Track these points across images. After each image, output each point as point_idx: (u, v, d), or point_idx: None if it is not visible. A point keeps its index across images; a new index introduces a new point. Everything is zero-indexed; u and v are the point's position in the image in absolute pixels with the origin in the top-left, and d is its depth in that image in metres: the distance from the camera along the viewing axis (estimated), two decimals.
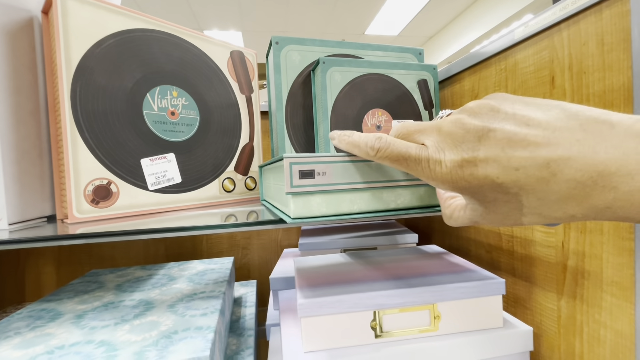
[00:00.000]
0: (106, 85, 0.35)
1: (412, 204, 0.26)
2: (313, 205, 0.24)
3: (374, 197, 0.25)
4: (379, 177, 0.25)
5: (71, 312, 0.39)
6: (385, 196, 0.26)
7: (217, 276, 0.52)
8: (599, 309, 0.33)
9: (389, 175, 0.25)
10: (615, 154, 0.14)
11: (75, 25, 0.32)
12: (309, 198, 0.24)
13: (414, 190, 0.26)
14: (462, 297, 0.36)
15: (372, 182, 0.25)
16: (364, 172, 0.25)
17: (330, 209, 0.24)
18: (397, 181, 0.26)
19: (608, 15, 0.31)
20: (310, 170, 0.23)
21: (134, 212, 0.37)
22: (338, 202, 0.25)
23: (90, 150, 0.33)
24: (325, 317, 0.35)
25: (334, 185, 0.24)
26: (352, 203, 0.25)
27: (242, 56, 0.49)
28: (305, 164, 0.23)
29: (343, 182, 0.24)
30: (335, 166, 0.24)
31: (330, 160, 0.24)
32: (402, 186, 0.26)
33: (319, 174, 0.24)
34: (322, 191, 0.24)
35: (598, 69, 0.32)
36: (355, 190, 0.25)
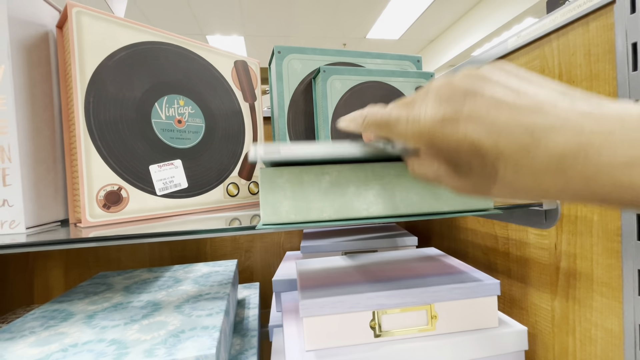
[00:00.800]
0: (117, 95, 0.36)
1: (385, 212, 0.27)
2: (282, 213, 0.25)
3: (345, 206, 0.26)
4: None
5: (82, 312, 0.41)
6: (356, 205, 0.26)
7: (221, 278, 0.53)
8: (590, 308, 0.35)
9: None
10: (601, 129, 0.14)
11: (88, 39, 0.34)
12: (278, 206, 0.25)
13: (387, 200, 0.27)
14: (458, 297, 0.38)
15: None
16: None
17: (299, 217, 0.26)
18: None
19: (594, 27, 0.32)
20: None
21: (143, 217, 0.39)
22: (307, 211, 0.25)
23: (102, 157, 0.35)
24: (326, 316, 0.37)
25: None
26: (321, 212, 0.26)
27: (245, 65, 0.51)
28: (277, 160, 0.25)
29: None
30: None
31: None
32: (375, 195, 0.26)
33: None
34: (290, 199, 0.25)
35: (586, 78, 0.34)
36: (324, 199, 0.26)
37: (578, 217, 0.35)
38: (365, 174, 0.26)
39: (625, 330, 0.30)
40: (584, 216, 0.34)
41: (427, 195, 0.27)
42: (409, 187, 0.27)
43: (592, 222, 0.34)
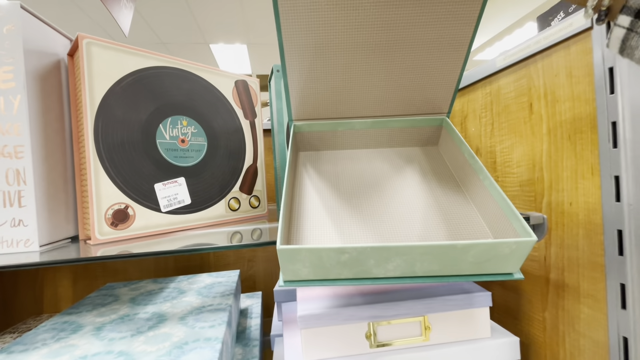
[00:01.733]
0: (124, 118, 0.39)
1: (404, 274, 0.27)
2: (301, 275, 0.27)
3: (362, 271, 0.27)
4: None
5: (91, 324, 0.43)
6: (375, 271, 0.27)
7: (223, 289, 0.55)
8: (578, 319, 0.36)
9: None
10: None
11: (97, 68, 0.37)
12: (296, 269, 0.27)
13: (406, 266, 0.27)
14: (451, 309, 0.39)
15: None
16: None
17: (318, 276, 0.27)
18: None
19: (575, 51, 0.34)
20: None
21: (149, 233, 0.41)
22: (325, 273, 0.27)
23: (110, 178, 0.37)
24: (324, 328, 0.38)
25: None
26: (339, 275, 0.27)
27: (245, 85, 0.53)
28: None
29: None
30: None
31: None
32: (393, 267, 0.26)
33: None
34: (309, 268, 0.27)
35: (568, 98, 0.35)
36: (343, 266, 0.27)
37: (565, 231, 0.36)
38: (388, 253, 0.26)
39: (611, 341, 0.32)
40: (570, 230, 0.36)
41: (448, 264, 0.26)
42: (431, 260, 0.26)
43: (577, 236, 0.35)
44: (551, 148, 0.37)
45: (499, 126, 0.46)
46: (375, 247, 0.25)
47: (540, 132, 0.39)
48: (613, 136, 0.30)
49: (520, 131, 0.42)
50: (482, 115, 0.49)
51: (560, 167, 0.36)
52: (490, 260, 0.25)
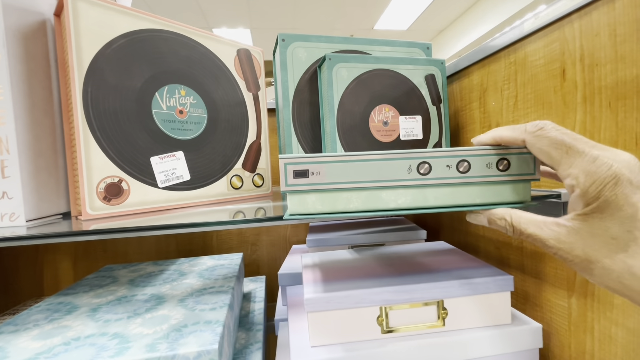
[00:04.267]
0: (116, 85, 0.35)
1: (415, 204, 0.26)
2: (308, 203, 0.25)
3: (372, 196, 0.25)
4: (376, 177, 0.25)
5: (87, 305, 0.41)
6: (384, 195, 0.25)
7: (226, 272, 0.53)
8: (610, 306, 0.33)
9: (388, 175, 0.25)
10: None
11: (85, 26, 0.33)
12: (304, 196, 0.25)
13: (417, 191, 0.26)
14: (469, 293, 0.36)
15: (367, 181, 0.25)
16: (359, 172, 0.25)
17: (326, 207, 0.25)
18: (397, 181, 0.25)
19: (621, 5, 0.30)
20: (304, 170, 0.24)
21: (145, 209, 0.38)
22: (333, 201, 0.25)
23: (102, 149, 0.34)
24: (332, 312, 0.35)
25: (328, 185, 0.25)
26: (347, 202, 0.25)
27: (248, 54, 0.49)
28: (299, 164, 0.24)
29: (337, 182, 0.25)
30: (328, 166, 0.24)
31: (323, 160, 0.24)
32: (404, 186, 0.25)
33: (312, 174, 0.24)
34: (316, 190, 0.25)
35: (610, 60, 0.31)
36: (351, 190, 0.25)
37: None
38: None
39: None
40: None
41: (459, 187, 0.26)
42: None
43: None
44: (586, 118, 0.34)
45: (523, 98, 0.42)
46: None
47: (573, 101, 0.35)
48: None
49: (549, 102, 0.38)
50: (505, 88, 0.46)
51: (597, 139, 0.33)
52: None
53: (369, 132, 0.50)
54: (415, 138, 0.52)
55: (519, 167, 0.26)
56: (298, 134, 0.52)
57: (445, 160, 0.25)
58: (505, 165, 0.26)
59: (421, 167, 0.25)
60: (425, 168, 0.25)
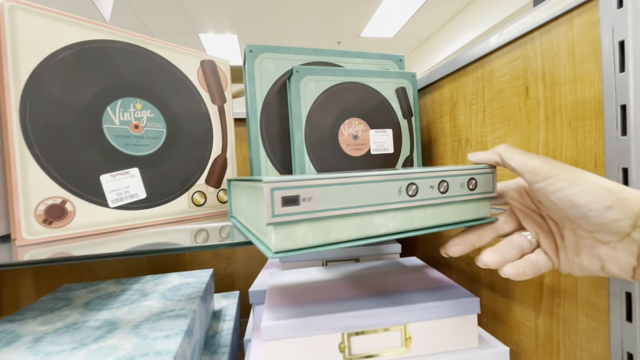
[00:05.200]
0: (60, 99, 0.33)
1: (403, 227, 0.25)
2: (298, 236, 0.21)
3: (365, 222, 0.23)
4: (370, 201, 0.23)
5: (30, 334, 0.38)
6: (376, 220, 0.24)
7: (190, 291, 0.50)
8: (574, 329, 0.32)
9: (381, 198, 0.23)
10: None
11: (24, 37, 0.31)
12: (294, 227, 0.21)
13: (405, 214, 0.25)
14: (435, 317, 0.35)
15: (362, 206, 0.23)
16: (354, 196, 0.22)
17: (317, 239, 0.21)
18: (389, 204, 0.24)
19: (579, 24, 0.30)
20: (294, 196, 0.20)
21: (93, 231, 0.36)
22: (326, 231, 0.22)
23: (42, 167, 0.32)
24: (291, 340, 0.34)
25: (321, 212, 0.21)
26: (341, 230, 0.22)
27: (213, 65, 0.48)
28: (289, 188, 0.20)
29: (332, 208, 0.21)
30: (323, 190, 0.21)
31: (317, 183, 0.21)
32: (394, 209, 0.24)
33: (304, 200, 0.21)
34: (309, 219, 0.21)
35: (570, 79, 0.31)
36: (345, 216, 0.22)
37: None
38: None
39: (613, 357, 0.28)
40: None
41: (440, 207, 0.27)
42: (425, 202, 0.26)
43: None
44: (549, 137, 0.33)
45: (490, 113, 0.42)
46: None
47: (536, 119, 0.35)
48: (622, 122, 0.26)
49: (514, 119, 0.38)
50: (473, 102, 0.45)
51: (559, 158, 0.32)
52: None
53: (339, 146, 0.49)
54: (386, 152, 0.51)
55: (483, 186, 0.28)
56: (266, 148, 0.50)
57: (429, 181, 0.25)
58: (473, 184, 0.27)
59: (410, 189, 0.24)
60: (413, 189, 0.25)
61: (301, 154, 0.48)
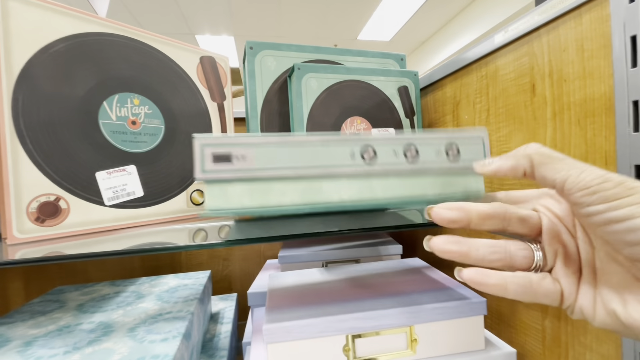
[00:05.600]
0: (54, 93, 0.32)
1: (360, 196, 0.22)
2: (233, 196, 0.20)
3: (311, 188, 0.21)
4: (314, 163, 0.20)
5: (20, 338, 0.36)
6: (325, 187, 0.21)
7: (188, 293, 0.49)
8: (584, 330, 0.31)
9: (328, 160, 0.21)
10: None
11: (17, 28, 0.30)
12: (227, 187, 0.20)
13: (362, 182, 0.22)
14: (441, 318, 0.34)
15: (304, 167, 0.20)
16: (296, 157, 0.20)
17: (255, 201, 0.20)
18: (338, 167, 0.21)
19: (588, 20, 0.29)
20: (226, 153, 0.20)
21: (88, 230, 0.34)
22: (264, 193, 0.20)
23: (35, 164, 0.31)
24: (294, 342, 0.33)
25: (256, 171, 0.20)
26: (282, 194, 0.20)
27: (213, 62, 0.47)
28: (220, 145, 0.19)
29: (267, 168, 0.20)
30: (258, 149, 0.20)
31: (251, 142, 0.20)
32: (347, 175, 0.21)
33: (237, 158, 0.20)
34: (243, 179, 0.20)
35: (578, 76, 0.30)
36: (285, 179, 0.20)
37: None
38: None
39: (624, 357, 0.27)
40: None
41: (409, 178, 0.23)
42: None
43: None
44: (556, 135, 0.33)
45: (495, 112, 0.41)
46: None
47: (543, 116, 0.34)
48: (634, 118, 0.25)
49: (519, 117, 0.37)
50: (477, 101, 0.45)
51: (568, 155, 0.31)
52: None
53: None
54: None
55: (469, 154, 0.24)
56: None
57: (391, 145, 0.22)
58: (454, 152, 0.23)
59: (365, 153, 0.22)
60: (369, 153, 0.22)
61: None
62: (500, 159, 0.21)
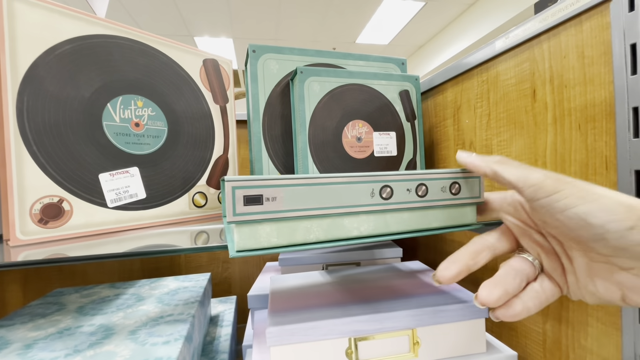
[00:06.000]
0: (59, 94, 0.32)
1: (377, 231, 0.24)
2: (262, 235, 0.21)
3: (334, 224, 0.23)
4: (339, 203, 0.22)
5: (20, 340, 0.36)
6: (347, 223, 0.23)
7: (189, 295, 0.49)
8: (584, 334, 0.32)
9: (351, 200, 0.23)
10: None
11: (23, 30, 0.30)
12: (257, 227, 0.21)
13: (378, 217, 0.24)
14: (443, 321, 0.34)
15: (330, 207, 0.22)
16: (321, 197, 0.22)
17: (282, 239, 0.22)
18: (360, 206, 0.23)
19: (588, 27, 0.30)
20: (257, 195, 0.21)
21: (90, 232, 0.34)
22: (291, 231, 0.22)
23: (39, 165, 0.31)
24: (297, 345, 0.33)
25: (286, 213, 0.21)
26: (307, 232, 0.22)
27: (216, 65, 0.47)
28: (252, 187, 0.21)
29: (296, 209, 0.22)
30: (287, 190, 0.21)
31: (281, 183, 0.21)
32: (366, 212, 0.23)
33: (267, 200, 0.21)
34: (272, 219, 0.21)
35: (579, 82, 0.31)
36: (311, 217, 0.22)
37: None
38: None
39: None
40: None
41: (418, 211, 0.26)
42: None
43: None
44: (557, 139, 0.33)
45: (496, 117, 0.42)
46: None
47: (544, 121, 0.35)
48: (634, 124, 0.26)
49: (520, 121, 0.38)
50: (478, 106, 0.45)
51: (568, 161, 0.32)
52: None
53: (342, 148, 0.49)
54: (389, 154, 0.51)
55: (468, 190, 0.27)
56: (269, 149, 0.50)
57: (406, 184, 0.25)
58: (456, 189, 0.26)
59: (383, 191, 0.24)
60: (387, 192, 0.24)
61: (304, 156, 0.47)
62: (477, 157, 0.24)
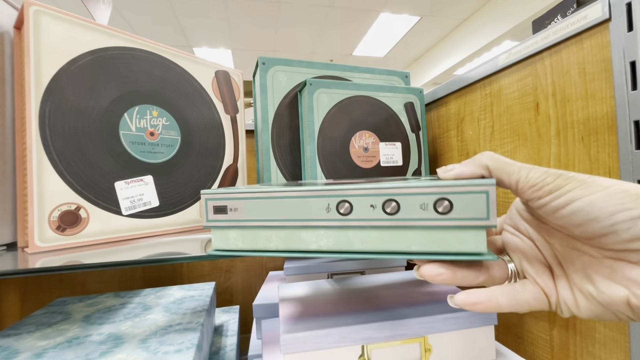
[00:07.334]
0: (79, 104, 0.33)
1: (338, 247, 0.23)
2: (230, 239, 0.25)
3: (292, 236, 0.24)
4: (294, 216, 0.23)
5: (29, 350, 0.36)
6: (304, 236, 0.23)
7: (196, 304, 0.49)
8: (592, 340, 0.32)
9: (306, 214, 0.23)
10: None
11: (47, 42, 0.31)
12: (226, 232, 0.25)
13: (339, 233, 0.23)
14: (454, 328, 0.35)
15: (286, 220, 0.23)
16: (277, 209, 0.24)
17: (247, 244, 0.24)
18: (315, 220, 0.23)
19: (589, 45, 0.32)
20: (222, 205, 0.24)
21: (106, 239, 0.34)
22: (253, 238, 0.24)
23: (59, 173, 0.31)
24: (310, 352, 0.33)
25: (245, 222, 0.24)
26: (267, 240, 0.24)
27: (227, 76, 0.48)
28: (219, 199, 0.24)
29: (254, 219, 0.24)
30: (246, 202, 0.24)
31: (242, 196, 0.24)
32: (324, 227, 0.23)
33: (231, 210, 0.24)
34: (236, 227, 0.24)
35: (581, 97, 0.32)
36: (269, 228, 0.24)
37: None
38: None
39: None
40: None
41: (388, 230, 0.22)
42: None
43: None
44: (561, 151, 0.35)
45: (499, 128, 0.43)
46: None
47: (547, 134, 0.36)
48: (636, 136, 0.27)
49: (524, 133, 0.39)
50: (481, 118, 0.47)
51: (572, 170, 0.33)
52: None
53: (350, 158, 0.50)
54: (395, 164, 0.52)
55: (466, 209, 0.20)
56: (277, 158, 0.50)
57: (368, 200, 0.22)
58: (445, 207, 0.20)
59: (341, 207, 0.22)
60: (345, 207, 0.22)
61: (313, 165, 0.48)
62: (461, 165, 0.22)
